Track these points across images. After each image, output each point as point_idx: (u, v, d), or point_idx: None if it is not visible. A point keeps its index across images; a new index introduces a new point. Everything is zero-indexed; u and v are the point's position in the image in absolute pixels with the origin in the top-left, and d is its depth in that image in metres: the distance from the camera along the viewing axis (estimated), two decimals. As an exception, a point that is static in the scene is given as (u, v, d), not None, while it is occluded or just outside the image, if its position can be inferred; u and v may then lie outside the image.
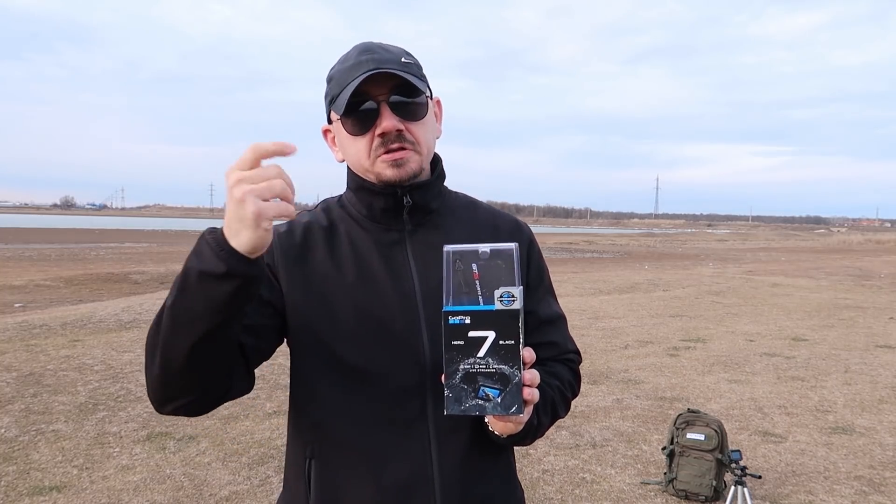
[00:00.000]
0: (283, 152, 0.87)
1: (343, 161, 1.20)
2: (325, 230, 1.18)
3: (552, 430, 4.91)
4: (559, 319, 1.29)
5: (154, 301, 11.13)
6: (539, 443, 4.64)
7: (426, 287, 1.13)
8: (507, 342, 0.91)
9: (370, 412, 1.10)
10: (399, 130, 1.09)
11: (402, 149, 1.10)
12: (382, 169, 1.11)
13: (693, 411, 4.06)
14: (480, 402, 0.92)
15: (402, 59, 1.12)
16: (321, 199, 1.29)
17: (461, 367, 0.92)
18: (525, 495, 1.29)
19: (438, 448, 1.10)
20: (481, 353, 0.91)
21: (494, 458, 1.18)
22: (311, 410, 1.14)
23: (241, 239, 0.86)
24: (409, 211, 1.16)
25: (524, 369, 0.93)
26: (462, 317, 0.92)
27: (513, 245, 0.94)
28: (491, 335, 0.91)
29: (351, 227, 1.18)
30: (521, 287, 0.93)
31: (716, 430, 3.87)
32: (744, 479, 3.15)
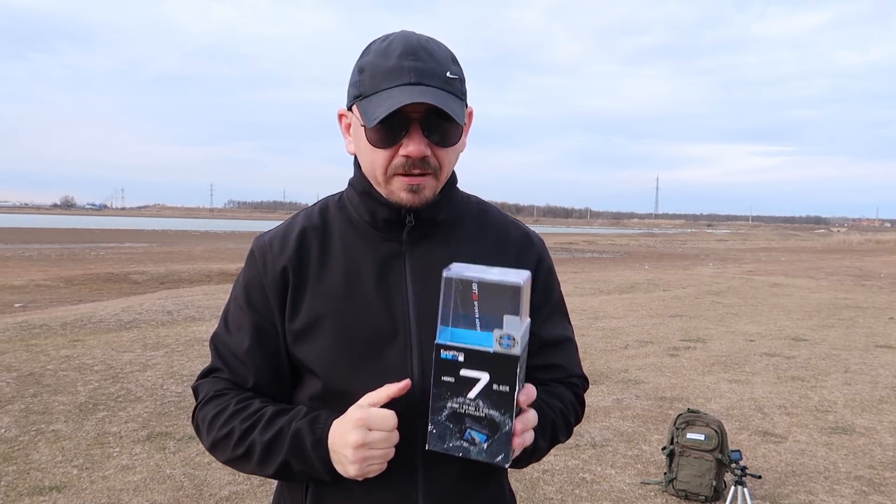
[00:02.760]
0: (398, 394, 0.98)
1: (354, 153, 1.13)
2: (320, 236, 1.12)
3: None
4: (566, 342, 1.20)
5: (154, 301, 11.12)
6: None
7: (421, 309, 1.06)
8: (501, 388, 0.83)
9: None
10: (425, 156, 1.01)
11: (423, 174, 1.03)
12: (397, 190, 1.04)
13: (693, 411, 4.06)
14: (465, 444, 0.86)
15: (448, 74, 1.01)
16: (321, 198, 1.22)
17: (449, 404, 0.85)
18: (525, 496, 1.28)
19: (425, 476, 1.06)
20: (472, 394, 0.84)
21: (484, 485, 1.13)
22: None
23: (345, 472, 0.97)
24: (410, 229, 1.09)
25: (518, 416, 0.86)
26: (455, 352, 0.84)
27: (521, 280, 0.85)
28: (485, 377, 0.83)
29: (348, 233, 1.12)
30: (527, 324, 0.86)
31: (716, 430, 3.87)
32: (744, 479, 3.15)
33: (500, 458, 0.85)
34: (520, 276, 0.85)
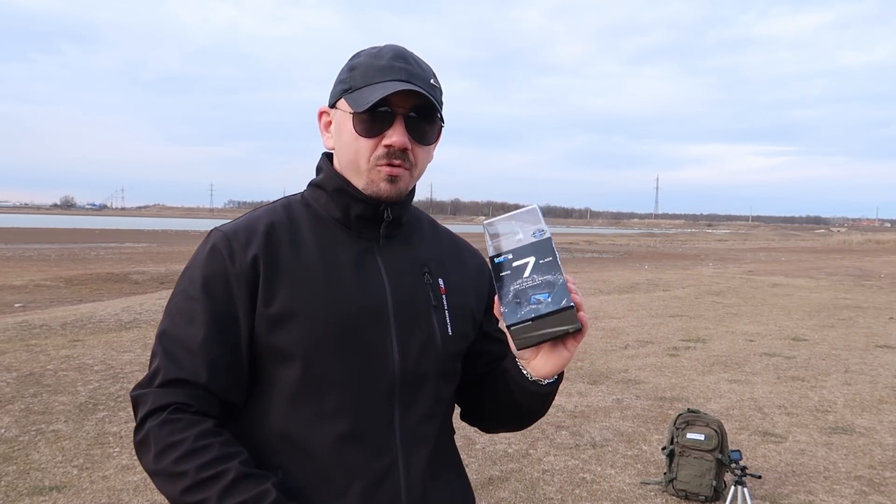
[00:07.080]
0: None
1: (332, 149, 1.17)
2: (289, 231, 1.12)
3: (552, 429, 4.91)
4: None
5: (154, 301, 11.12)
6: (539, 443, 4.64)
7: (398, 297, 1.12)
8: (545, 260, 1.03)
9: (336, 424, 1.06)
10: (405, 149, 1.09)
11: (402, 167, 1.10)
12: (378, 179, 1.09)
13: (693, 411, 4.06)
14: (534, 306, 1.00)
15: (431, 81, 1.12)
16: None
17: (511, 287, 1.02)
18: (525, 496, 1.30)
19: (405, 461, 1.08)
20: (526, 273, 1.02)
21: (450, 468, 1.19)
22: (276, 421, 1.08)
23: None
24: (386, 225, 1.15)
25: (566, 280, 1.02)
26: (504, 255, 1.05)
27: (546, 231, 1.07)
28: (532, 259, 1.03)
29: (317, 228, 1.14)
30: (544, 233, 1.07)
31: (716, 430, 3.87)
32: (744, 479, 3.15)
33: (564, 301, 0.99)
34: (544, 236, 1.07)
